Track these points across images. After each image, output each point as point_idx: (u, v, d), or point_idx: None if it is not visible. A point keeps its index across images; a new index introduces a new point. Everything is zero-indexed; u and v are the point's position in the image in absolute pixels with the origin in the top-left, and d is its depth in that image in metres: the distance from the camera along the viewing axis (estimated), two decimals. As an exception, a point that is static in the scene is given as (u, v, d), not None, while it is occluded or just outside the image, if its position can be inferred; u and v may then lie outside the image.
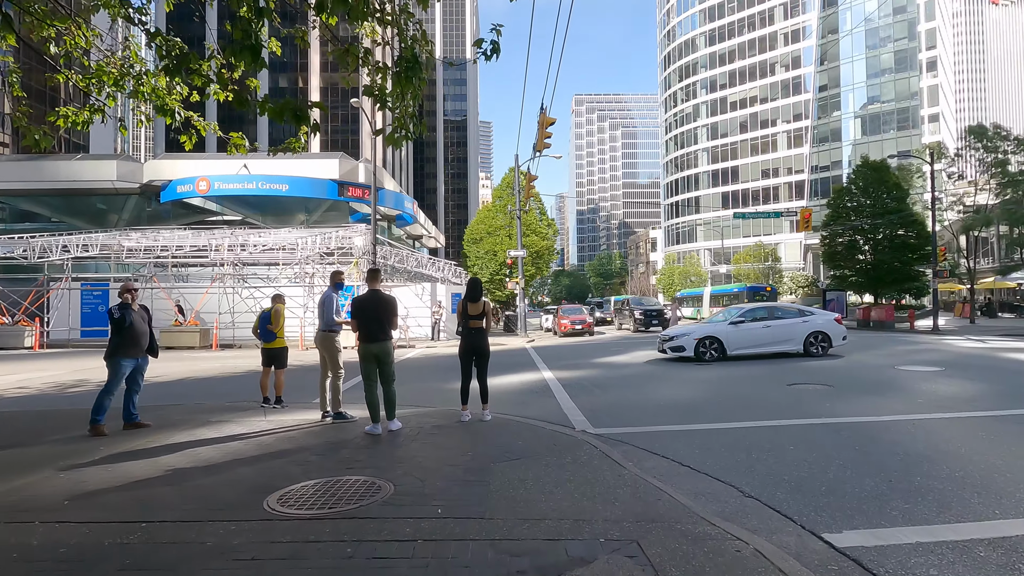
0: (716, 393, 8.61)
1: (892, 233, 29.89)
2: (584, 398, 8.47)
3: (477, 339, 6.49)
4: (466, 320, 6.51)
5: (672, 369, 11.83)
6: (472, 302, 6.53)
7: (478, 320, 6.50)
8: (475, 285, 6.66)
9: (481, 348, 6.52)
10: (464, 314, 6.53)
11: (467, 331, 6.52)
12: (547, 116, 12.17)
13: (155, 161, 29.44)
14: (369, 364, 6.03)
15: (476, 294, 6.56)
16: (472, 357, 6.58)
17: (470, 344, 6.51)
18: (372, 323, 5.98)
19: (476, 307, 6.51)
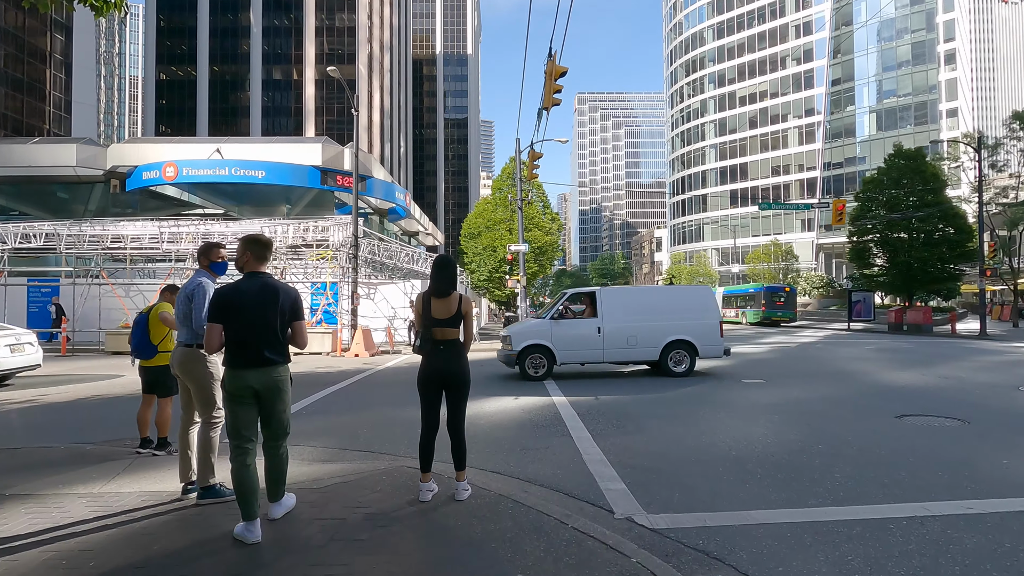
0: (804, 433, 5.95)
1: (932, 228, 27.16)
2: (613, 438, 5.82)
3: (447, 361, 3.86)
4: (428, 328, 3.87)
5: (719, 388, 9.17)
6: (438, 297, 3.88)
7: (449, 328, 3.87)
8: (444, 268, 3.96)
9: (454, 376, 3.88)
10: (425, 316, 3.88)
11: (430, 347, 3.87)
12: (557, 65, 9.53)
13: (119, 145, 26.85)
14: (242, 408, 3.31)
15: (445, 283, 3.89)
16: (439, 391, 3.94)
17: (435, 369, 3.87)
18: (252, 333, 3.31)
19: (445, 305, 3.87)
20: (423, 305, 3.88)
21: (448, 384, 3.87)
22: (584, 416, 7.02)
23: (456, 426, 3.91)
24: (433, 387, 3.87)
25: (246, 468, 3.25)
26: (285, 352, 3.45)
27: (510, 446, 5.64)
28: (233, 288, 3.38)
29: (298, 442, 5.97)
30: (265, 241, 3.54)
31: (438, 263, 3.97)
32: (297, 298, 3.50)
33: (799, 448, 5.26)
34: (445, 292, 3.86)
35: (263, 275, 3.46)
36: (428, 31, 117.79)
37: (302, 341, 3.52)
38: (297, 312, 3.47)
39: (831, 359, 13.23)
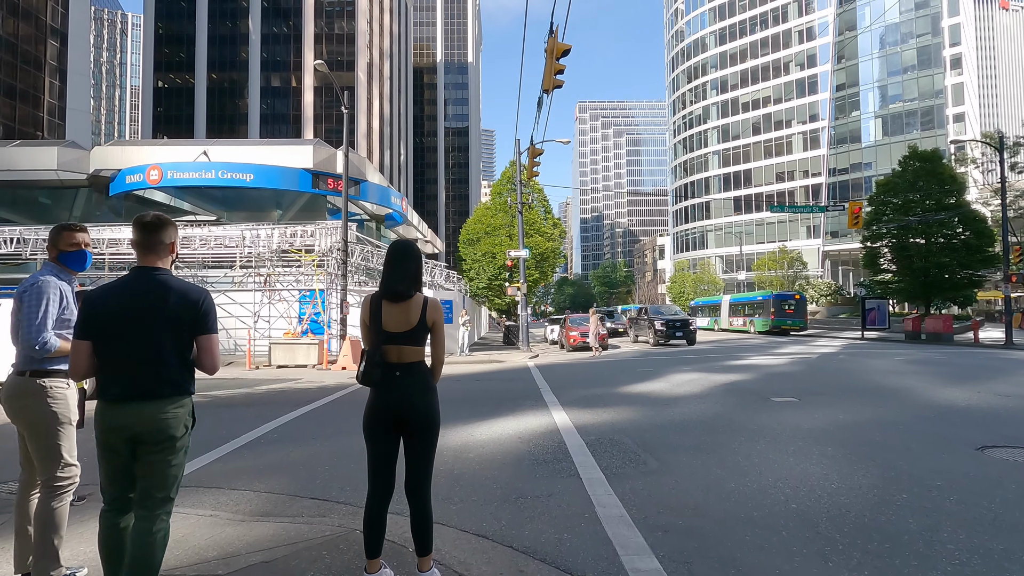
0: (874, 474, 4.73)
1: (951, 232, 25.98)
2: (633, 481, 4.62)
3: (407, 394, 2.66)
4: (378, 345, 2.67)
5: (746, 408, 7.96)
6: (393, 300, 2.69)
7: (408, 345, 2.68)
8: (401, 258, 2.76)
9: (417, 416, 2.67)
10: (374, 329, 2.69)
11: (380, 374, 2.66)
12: (558, 42, 8.42)
13: (102, 148, 25.81)
14: (116, 458, 2.31)
15: (402, 281, 2.70)
16: (394, 437, 2.71)
17: (388, 406, 2.65)
18: (128, 351, 2.27)
19: (403, 313, 2.68)
20: (371, 312, 2.70)
21: (408, 427, 2.67)
22: (594, 447, 5.82)
23: (419, 488, 2.71)
24: (385, 432, 2.67)
25: (116, 530, 2.28)
26: (183, 380, 2.36)
27: (503, 492, 4.44)
28: (107, 289, 2.32)
29: (238, 484, 4.78)
30: (152, 222, 2.40)
31: (393, 251, 2.78)
32: (203, 303, 2.37)
33: (878, 497, 4.05)
34: (403, 294, 2.68)
35: (156, 272, 2.35)
36: (429, 39, 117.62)
37: (210, 363, 2.41)
38: (203, 322, 2.36)
39: (862, 372, 12.01)
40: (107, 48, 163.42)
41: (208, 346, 2.37)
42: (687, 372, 12.76)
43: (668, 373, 12.64)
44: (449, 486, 4.62)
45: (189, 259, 18.48)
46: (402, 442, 2.71)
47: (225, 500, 4.40)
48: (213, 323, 2.40)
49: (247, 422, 7.59)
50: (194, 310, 2.32)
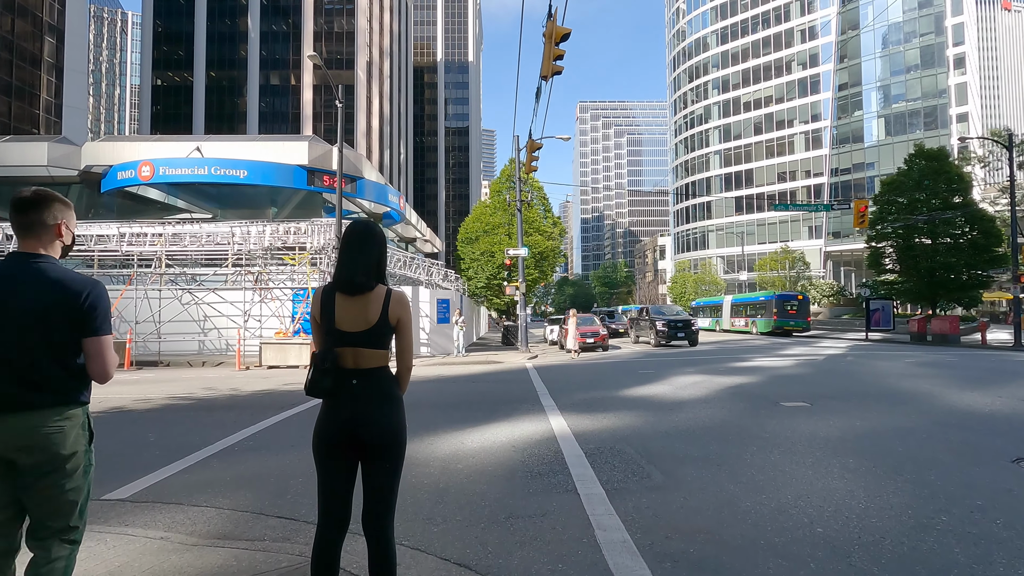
0: (906, 491, 4.27)
1: (958, 232, 25.51)
2: (636, 497, 4.15)
3: (365, 408, 2.16)
4: (330, 348, 2.18)
5: (756, 414, 7.49)
6: (348, 292, 2.20)
7: (367, 348, 2.19)
8: (360, 241, 2.26)
9: (377, 434, 2.16)
10: (326, 327, 2.21)
11: (331, 383, 2.16)
12: (557, 26, 7.96)
13: (93, 143, 25.34)
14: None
15: (359, 269, 2.21)
16: (349, 460, 2.21)
17: (342, 422, 2.15)
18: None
19: (360, 308, 2.19)
20: (322, 307, 2.23)
21: (366, 449, 2.18)
22: (593, 456, 5.36)
23: (379, 524, 2.21)
24: (338, 454, 2.18)
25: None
26: (66, 388, 1.91)
27: (492, 511, 3.97)
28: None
29: (200, 499, 4.32)
30: (29, 198, 1.98)
31: (351, 233, 2.30)
32: (88, 297, 1.92)
33: (915, 520, 3.59)
34: (361, 285, 2.20)
35: (34, 259, 1.92)
36: (429, 38, 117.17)
37: (98, 370, 1.96)
38: (88, 321, 1.92)
39: (872, 375, 11.54)
40: (107, 47, 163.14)
41: (94, 350, 1.92)
42: (691, 374, 12.30)
43: (671, 375, 12.17)
44: (432, 503, 4.16)
45: (180, 257, 18.02)
46: (358, 470, 2.24)
47: (182, 519, 3.95)
48: (103, 322, 1.94)
49: (225, 427, 7.15)
50: (73, 305, 1.87)
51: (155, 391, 10.82)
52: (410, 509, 4.03)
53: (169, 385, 11.79)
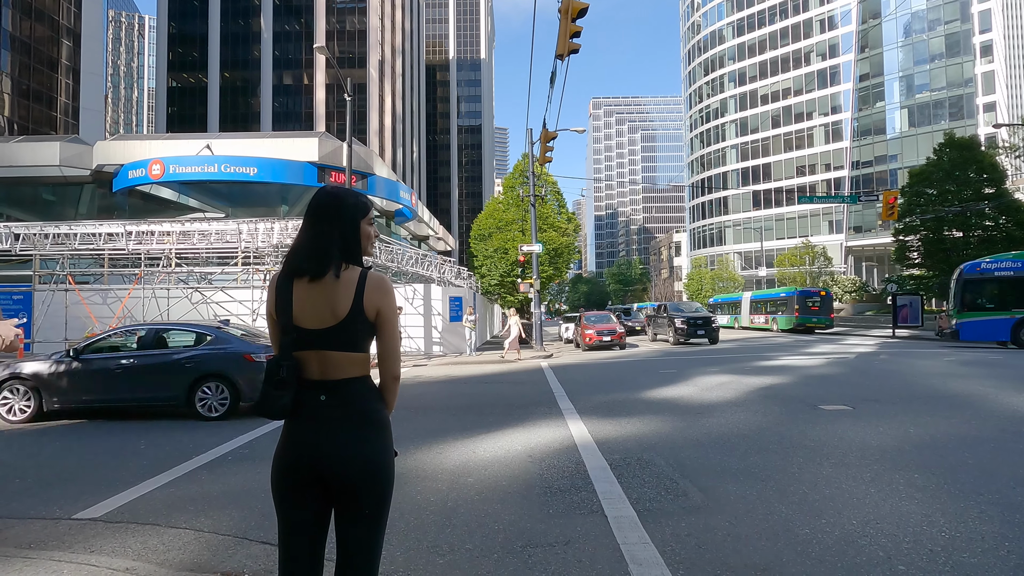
0: (994, 516, 3.65)
1: (991, 224, 24.43)
2: (674, 522, 3.59)
3: (331, 428, 1.61)
4: (288, 351, 1.64)
5: (796, 419, 6.87)
6: (309, 277, 1.63)
7: (336, 351, 1.63)
8: (327, 212, 1.69)
9: (347, 469, 1.59)
10: (283, 323, 1.65)
11: (293, 396, 1.62)
12: (575, 0, 7.38)
13: (105, 143, 25.29)
14: None
15: (315, 249, 1.65)
16: (318, 499, 1.64)
17: (305, 453, 1.61)
18: None
19: (324, 297, 1.62)
20: (276, 298, 1.69)
21: (336, 491, 1.64)
22: (620, 469, 4.79)
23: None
24: (303, 498, 1.64)
25: None
26: None
27: (507, 537, 3.43)
28: None
29: (179, 520, 3.85)
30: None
31: (313, 203, 1.74)
32: None
33: (1017, 557, 2.97)
34: (320, 267, 1.65)
35: None
36: (441, 36, 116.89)
37: None
38: None
39: (913, 375, 10.80)
40: (125, 50, 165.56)
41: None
42: (716, 374, 11.65)
43: (695, 375, 11.54)
44: (439, 527, 3.64)
45: (188, 255, 17.76)
46: (333, 510, 1.70)
47: (155, 544, 3.47)
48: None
49: (221, 433, 6.71)
50: None
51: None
52: (413, 534, 3.51)
53: (173, 386, 11.41)
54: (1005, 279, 17.77)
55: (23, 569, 3.00)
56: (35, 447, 6.53)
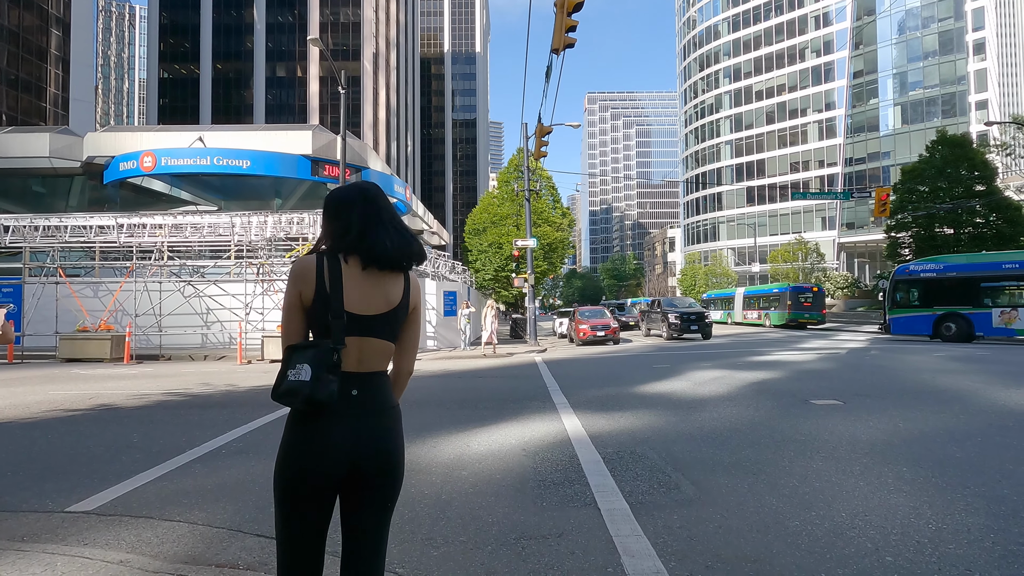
0: (979, 509, 3.71)
1: (982, 221, 24.64)
2: (666, 514, 3.63)
3: (367, 422, 1.59)
4: (340, 337, 1.57)
5: (786, 413, 6.93)
6: (377, 266, 1.64)
7: (379, 335, 1.64)
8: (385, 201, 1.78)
9: (382, 464, 1.61)
10: (334, 306, 1.57)
11: (328, 392, 1.51)
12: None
13: (95, 134, 25.00)
14: None
15: (388, 238, 1.65)
16: (332, 499, 1.61)
17: (337, 447, 1.55)
18: None
19: (378, 288, 1.64)
20: (330, 280, 1.60)
21: (364, 485, 1.62)
22: (613, 463, 4.83)
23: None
24: (324, 494, 1.58)
25: None
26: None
27: (501, 530, 3.46)
28: None
29: (173, 513, 3.85)
30: None
31: (371, 190, 1.76)
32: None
33: (1001, 548, 3.02)
34: (397, 258, 1.67)
35: None
36: (436, 29, 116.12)
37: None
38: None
39: (904, 371, 10.91)
40: (115, 41, 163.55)
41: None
42: (709, 369, 11.73)
43: (688, 370, 11.61)
44: (433, 519, 3.66)
45: (181, 248, 17.64)
46: (349, 502, 1.67)
47: (150, 537, 3.47)
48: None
49: (215, 426, 6.69)
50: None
51: (150, 386, 10.43)
52: (407, 527, 3.53)
53: (166, 380, 11.40)
54: (929, 280, 19.49)
55: (16, 562, 3.00)
56: (27, 440, 6.50)
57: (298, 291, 1.60)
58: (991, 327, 17.91)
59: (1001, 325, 17.69)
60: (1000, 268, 18.28)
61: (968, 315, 18.28)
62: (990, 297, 18.17)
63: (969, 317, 18.25)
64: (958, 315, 18.44)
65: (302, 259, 1.65)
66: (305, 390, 1.50)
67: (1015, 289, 17.94)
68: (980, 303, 18.18)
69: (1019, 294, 17.86)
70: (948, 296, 18.88)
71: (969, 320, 18.25)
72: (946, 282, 19.04)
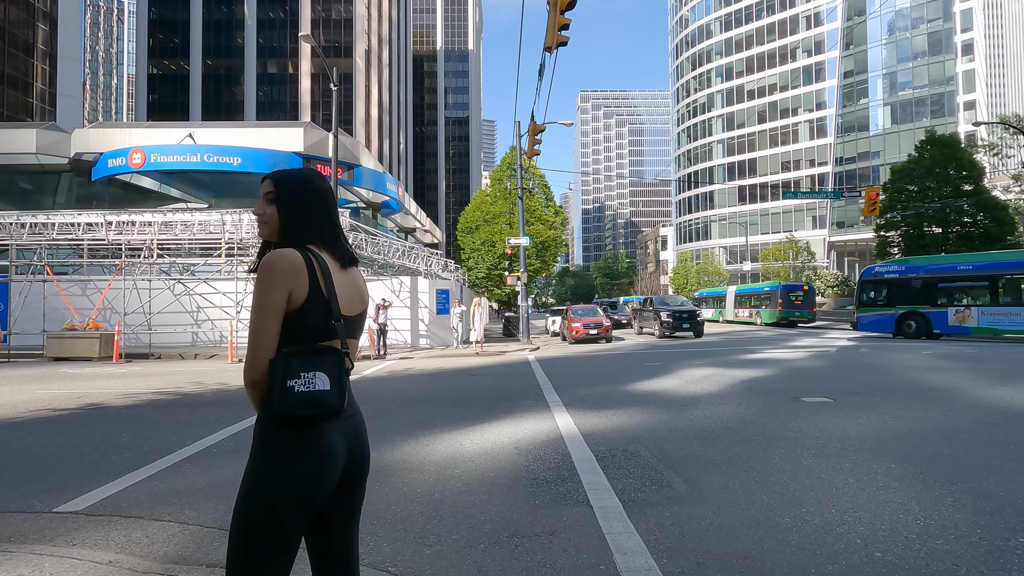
0: (966, 504, 3.76)
1: (969, 220, 24.91)
2: (658, 511, 3.64)
3: (357, 426, 1.61)
4: (345, 337, 1.55)
5: (777, 411, 6.98)
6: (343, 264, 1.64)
7: (360, 333, 1.68)
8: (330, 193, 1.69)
9: (367, 458, 1.62)
10: (335, 314, 1.52)
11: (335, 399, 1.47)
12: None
13: (83, 130, 24.70)
14: None
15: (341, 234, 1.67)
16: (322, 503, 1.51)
17: (341, 457, 1.52)
18: None
19: (354, 286, 1.63)
20: (324, 281, 1.52)
21: (351, 483, 1.61)
22: (605, 460, 4.85)
23: (355, 565, 1.66)
24: (320, 500, 1.50)
25: None
26: None
27: (494, 528, 3.46)
28: None
29: (164, 513, 3.81)
30: None
31: (320, 179, 1.67)
32: None
33: (988, 543, 3.06)
34: (353, 253, 1.69)
35: None
36: (429, 26, 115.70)
37: None
38: None
39: (893, 368, 11.03)
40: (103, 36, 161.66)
41: None
42: (700, 367, 11.79)
43: (679, 368, 11.66)
44: (425, 518, 3.65)
45: (171, 246, 17.48)
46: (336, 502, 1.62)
47: (140, 537, 3.44)
48: None
49: (206, 426, 6.65)
50: None
51: (139, 385, 10.34)
52: (400, 525, 3.52)
53: (155, 379, 11.30)
54: (892, 281, 20.66)
55: (3, 563, 2.97)
56: (15, 440, 6.43)
57: (287, 290, 1.45)
58: (947, 325, 18.98)
59: (956, 323, 18.75)
60: (955, 270, 19.38)
61: (927, 314, 19.37)
62: (946, 297, 19.28)
63: (928, 315, 19.34)
64: (918, 314, 19.53)
65: (286, 254, 1.48)
66: (331, 400, 1.45)
67: (968, 290, 19.04)
68: (937, 303, 19.31)
69: (972, 294, 18.92)
70: (909, 296, 19.95)
71: (928, 318, 19.34)
72: (907, 283, 20.10)
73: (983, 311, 18.10)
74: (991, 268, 18.42)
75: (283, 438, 1.45)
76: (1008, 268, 18.05)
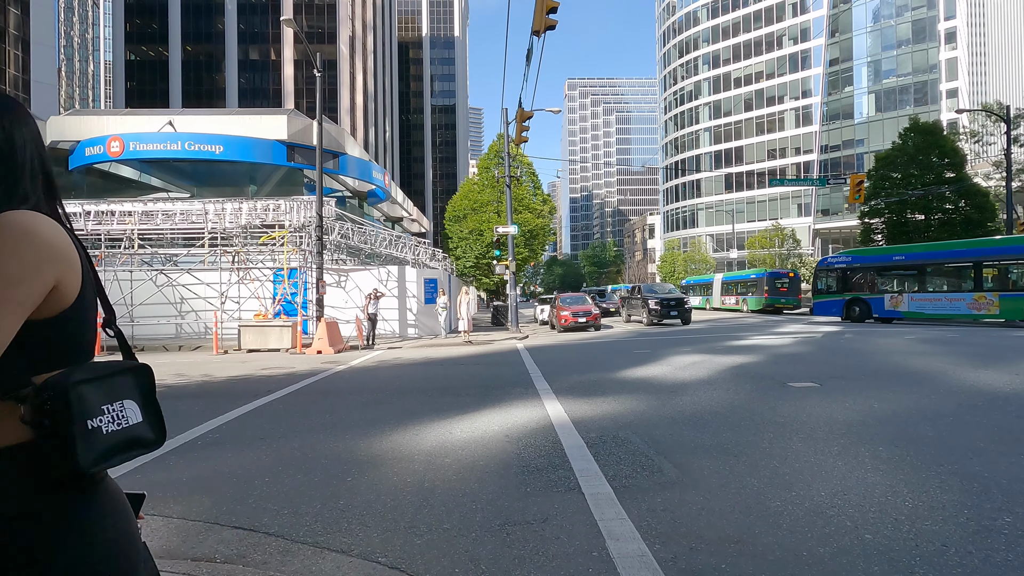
0: (953, 485, 3.80)
1: (951, 207, 25.24)
2: (650, 497, 3.64)
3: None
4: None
5: (765, 396, 7.03)
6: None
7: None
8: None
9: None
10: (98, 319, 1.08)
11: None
12: (550, -25, 7.21)
13: (59, 118, 24.01)
14: None
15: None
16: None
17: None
18: None
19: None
20: (91, 267, 1.09)
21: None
22: (596, 447, 4.84)
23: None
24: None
25: None
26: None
27: (485, 516, 3.43)
28: None
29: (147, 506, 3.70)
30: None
31: (8, 104, 1.03)
32: None
33: (975, 523, 3.10)
34: (72, 227, 1.14)
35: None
36: (414, 12, 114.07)
37: None
38: None
39: (877, 353, 11.17)
40: (78, 21, 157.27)
41: None
42: (688, 354, 11.86)
43: (668, 355, 11.72)
44: (416, 507, 3.61)
45: (152, 236, 17.15)
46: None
47: (122, 531, 3.35)
48: None
49: (191, 417, 6.54)
50: None
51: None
52: (390, 515, 3.48)
53: (139, 371, 11.09)
54: (841, 270, 22.29)
55: (-21, 560, 2.87)
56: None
57: (53, 278, 0.94)
58: (884, 310, 20.44)
59: (891, 307, 20.19)
60: (890, 260, 21.04)
61: (868, 299, 20.94)
62: (883, 284, 20.95)
63: (868, 301, 20.90)
64: (860, 300, 21.14)
65: (43, 220, 0.96)
66: (149, 434, 1.07)
67: (901, 278, 20.66)
68: (876, 289, 20.96)
69: (904, 282, 20.50)
70: (854, 284, 21.63)
71: (868, 304, 20.87)
72: (852, 272, 21.78)
73: (911, 297, 19.56)
74: (917, 259, 19.97)
75: (79, 508, 0.96)
76: (931, 258, 19.61)
